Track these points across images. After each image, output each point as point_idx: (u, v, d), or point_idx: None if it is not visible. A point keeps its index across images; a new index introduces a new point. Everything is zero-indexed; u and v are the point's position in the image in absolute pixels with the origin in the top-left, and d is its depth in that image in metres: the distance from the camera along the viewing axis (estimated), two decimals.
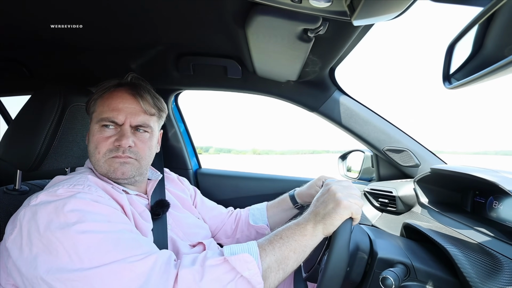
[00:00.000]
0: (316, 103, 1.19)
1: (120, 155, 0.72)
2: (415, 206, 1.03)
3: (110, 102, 0.74)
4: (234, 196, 1.45)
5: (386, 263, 0.63)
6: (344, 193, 0.62)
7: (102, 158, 0.72)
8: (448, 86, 0.52)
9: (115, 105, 0.73)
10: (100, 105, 0.75)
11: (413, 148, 1.14)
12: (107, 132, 0.73)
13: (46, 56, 1.12)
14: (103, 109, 0.74)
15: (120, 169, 0.72)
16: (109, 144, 0.72)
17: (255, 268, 0.54)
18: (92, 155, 0.73)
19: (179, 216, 0.87)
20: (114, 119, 0.72)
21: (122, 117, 0.73)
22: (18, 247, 0.54)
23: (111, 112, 0.73)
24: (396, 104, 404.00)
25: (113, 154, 0.72)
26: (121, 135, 0.72)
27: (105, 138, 0.72)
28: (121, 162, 0.72)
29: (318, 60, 0.96)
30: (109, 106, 0.73)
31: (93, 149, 0.72)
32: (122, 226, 0.59)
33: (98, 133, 0.73)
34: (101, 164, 0.72)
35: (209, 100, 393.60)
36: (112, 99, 0.75)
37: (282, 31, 0.72)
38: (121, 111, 0.73)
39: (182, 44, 1.02)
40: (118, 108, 0.73)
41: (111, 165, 0.72)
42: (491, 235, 0.68)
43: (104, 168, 0.72)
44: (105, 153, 0.72)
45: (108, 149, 0.72)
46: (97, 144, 0.72)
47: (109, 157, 0.72)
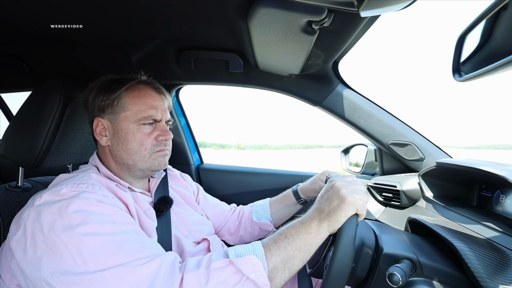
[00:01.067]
0: (319, 97, 1.18)
1: (163, 149, 0.78)
2: (419, 200, 1.02)
3: (145, 101, 0.76)
4: (237, 191, 1.44)
5: (392, 258, 0.62)
6: (348, 189, 0.61)
7: (148, 153, 0.75)
8: (458, 78, 0.51)
9: (151, 103, 0.76)
10: (133, 103, 0.75)
11: (418, 142, 1.13)
12: (147, 129, 0.76)
13: (46, 51, 1.10)
14: (140, 108, 0.75)
15: (163, 161, 0.79)
16: (152, 140, 0.76)
17: (261, 270, 0.54)
18: (135, 152, 0.74)
19: (182, 213, 0.86)
20: (155, 117, 0.76)
21: (160, 114, 0.77)
22: (22, 248, 0.54)
23: (151, 110, 0.75)
24: (389, 98, 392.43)
25: (158, 148, 0.77)
26: (164, 131, 0.77)
27: (148, 135, 0.75)
28: (163, 155, 0.78)
29: (321, 53, 0.94)
30: (145, 104, 0.75)
31: (138, 147, 0.74)
32: (126, 227, 0.58)
33: (139, 131, 0.74)
34: (146, 159, 0.75)
35: (197, 94, 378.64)
36: (145, 97, 0.76)
37: (285, 24, 0.70)
38: (157, 108, 0.77)
39: (183, 38, 1.00)
40: (155, 106, 0.77)
41: (155, 159, 0.77)
42: (498, 229, 0.67)
43: (148, 163, 0.76)
44: (150, 149, 0.75)
45: (152, 145, 0.76)
46: (142, 142, 0.74)
47: (154, 152, 0.76)
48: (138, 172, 0.77)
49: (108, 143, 0.76)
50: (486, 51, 0.52)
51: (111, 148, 0.76)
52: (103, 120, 0.76)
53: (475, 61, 0.53)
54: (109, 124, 0.75)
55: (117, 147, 0.75)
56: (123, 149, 0.74)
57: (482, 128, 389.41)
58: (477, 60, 0.53)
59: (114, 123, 0.75)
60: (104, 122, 0.76)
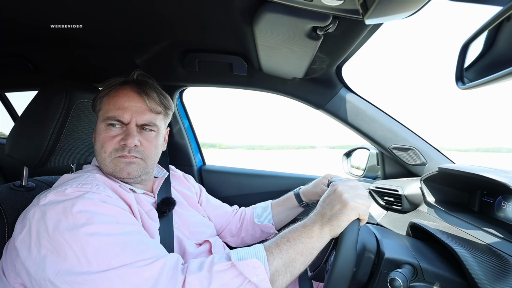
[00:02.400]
0: (322, 100, 1.18)
1: (126, 155, 0.71)
2: (421, 205, 1.03)
3: (116, 101, 0.73)
4: (239, 193, 1.45)
5: (393, 263, 0.63)
6: (351, 194, 0.61)
7: (108, 157, 0.71)
8: (462, 86, 0.51)
9: (120, 103, 0.72)
10: (106, 103, 0.74)
11: (420, 147, 1.13)
12: (113, 131, 0.72)
13: (51, 52, 1.11)
14: (108, 107, 0.73)
15: (126, 169, 0.72)
16: (115, 144, 0.71)
17: (263, 273, 0.54)
18: (98, 154, 0.73)
19: (185, 214, 0.87)
20: (119, 118, 0.72)
21: (128, 116, 0.72)
22: (27, 247, 0.54)
23: (117, 110, 0.72)
24: (388, 102, 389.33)
25: (119, 153, 0.71)
26: (127, 135, 0.71)
27: (111, 137, 0.72)
28: (126, 162, 0.72)
29: (325, 57, 0.95)
30: (114, 104, 0.73)
31: (99, 148, 0.72)
32: (130, 228, 0.59)
33: (104, 132, 0.72)
34: (107, 163, 0.72)
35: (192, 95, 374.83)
36: (118, 97, 0.74)
37: (290, 29, 0.71)
38: (126, 109, 0.72)
39: (188, 41, 1.01)
40: (124, 107, 0.72)
41: (117, 164, 0.71)
42: (500, 235, 0.68)
43: (110, 167, 0.72)
44: (111, 153, 0.71)
45: (114, 149, 0.71)
46: (103, 143, 0.71)
47: (115, 157, 0.71)
48: (110, 175, 0.73)
49: None
50: (489, 60, 0.53)
51: None
52: (97, 119, 0.77)
53: (478, 70, 0.53)
54: None
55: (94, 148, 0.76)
56: (94, 149, 0.75)
57: (482, 131, 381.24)
58: (480, 69, 0.53)
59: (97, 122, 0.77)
60: None
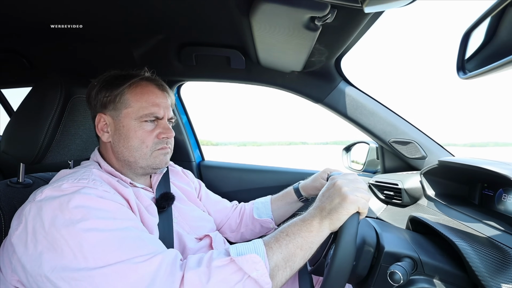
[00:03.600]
0: (321, 94, 1.17)
1: (165, 147, 0.77)
2: (421, 198, 1.02)
3: (147, 98, 0.75)
4: (238, 188, 1.44)
5: (393, 257, 0.62)
6: (350, 187, 0.61)
7: (149, 151, 0.75)
8: (463, 76, 0.50)
9: (153, 100, 0.76)
10: (135, 100, 0.74)
11: (420, 140, 1.12)
12: (149, 126, 0.75)
13: (46, 47, 1.10)
14: (142, 105, 0.74)
15: (164, 159, 0.78)
16: (153, 138, 0.75)
17: (263, 268, 0.53)
18: (136, 149, 0.74)
19: (184, 209, 0.86)
20: (157, 114, 0.75)
21: (162, 112, 0.77)
22: (23, 244, 0.54)
23: (153, 107, 0.75)
24: (386, 95, 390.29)
25: (160, 146, 0.76)
26: (166, 128, 0.77)
27: (149, 132, 0.75)
28: (165, 153, 0.78)
29: (324, 49, 0.93)
30: (147, 101, 0.75)
31: (139, 144, 0.74)
32: (127, 223, 0.58)
33: (140, 128, 0.74)
34: (147, 157, 0.75)
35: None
36: (148, 94, 0.75)
37: (288, 19, 0.69)
38: (160, 106, 0.76)
39: (184, 34, 1.00)
40: (157, 103, 0.76)
41: (156, 156, 0.76)
42: (500, 228, 0.67)
43: (149, 160, 0.76)
44: (152, 146, 0.75)
45: (154, 142, 0.75)
46: (143, 139, 0.74)
47: (155, 149, 0.76)
48: (139, 169, 0.77)
49: (109, 140, 0.76)
50: (491, 49, 0.51)
51: (113, 145, 0.76)
52: (105, 116, 0.75)
53: (480, 59, 0.52)
54: (111, 121, 0.75)
55: (119, 144, 0.74)
56: (124, 146, 0.74)
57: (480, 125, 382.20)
58: (481, 58, 0.52)
59: (116, 120, 0.74)
60: (106, 118, 0.75)
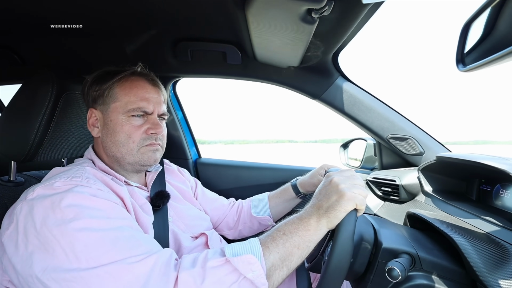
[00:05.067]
0: (318, 90, 1.16)
1: (153, 143, 0.75)
2: (418, 194, 1.02)
3: (136, 92, 0.73)
4: (235, 185, 1.43)
5: (391, 253, 0.62)
6: (347, 184, 0.60)
7: (136, 147, 0.73)
8: (462, 68, 0.49)
9: (142, 94, 0.74)
10: (123, 94, 0.73)
11: (418, 136, 1.11)
12: (137, 121, 0.73)
13: (38, 43, 1.07)
14: (130, 99, 0.72)
15: (153, 156, 0.75)
16: (141, 133, 0.73)
17: (259, 269, 0.52)
18: (123, 145, 0.72)
19: (180, 208, 0.85)
20: (145, 108, 0.73)
21: (152, 107, 0.75)
22: (13, 243, 0.52)
23: (141, 102, 0.73)
24: (381, 89, 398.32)
25: (147, 142, 0.74)
26: (155, 124, 0.74)
27: (137, 127, 0.73)
28: (153, 150, 0.75)
29: (321, 43, 0.92)
30: (136, 96, 0.73)
31: (125, 139, 0.72)
32: (121, 223, 0.57)
33: (127, 123, 0.72)
34: (134, 153, 0.73)
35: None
36: (137, 88, 0.74)
37: (284, 12, 0.68)
38: (149, 100, 0.74)
39: (179, 29, 0.98)
40: (147, 98, 0.74)
41: (144, 153, 0.74)
42: (498, 223, 0.67)
43: (136, 157, 0.73)
44: (139, 142, 0.73)
45: (141, 138, 0.73)
46: (130, 134, 0.72)
47: (143, 145, 0.74)
48: (128, 165, 0.75)
49: (99, 135, 0.75)
50: (490, 41, 0.50)
51: (102, 140, 0.74)
52: (96, 111, 0.74)
53: (479, 51, 0.51)
54: (101, 115, 0.74)
55: (106, 139, 0.73)
56: (111, 140, 0.73)
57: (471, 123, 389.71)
58: (481, 50, 0.51)
59: (105, 114, 0.73)
60: (96, 113, 0.74)
